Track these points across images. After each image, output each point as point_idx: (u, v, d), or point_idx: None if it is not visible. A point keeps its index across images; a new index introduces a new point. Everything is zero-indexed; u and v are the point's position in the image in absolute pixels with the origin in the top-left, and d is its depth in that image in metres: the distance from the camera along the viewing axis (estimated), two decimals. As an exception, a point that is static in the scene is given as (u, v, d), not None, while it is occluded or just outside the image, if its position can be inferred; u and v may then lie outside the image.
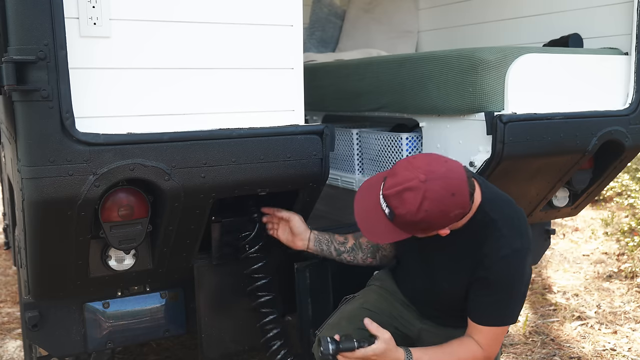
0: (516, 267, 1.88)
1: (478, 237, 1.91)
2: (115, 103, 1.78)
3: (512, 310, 1.94)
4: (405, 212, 1.74)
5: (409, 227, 1.79)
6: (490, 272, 1.87)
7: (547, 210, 2.99)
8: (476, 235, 1.91)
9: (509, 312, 1.94)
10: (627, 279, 4.54)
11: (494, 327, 1.94)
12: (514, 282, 1.89)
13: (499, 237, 1.88)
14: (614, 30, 2.77)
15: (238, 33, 1.92)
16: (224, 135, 1.92)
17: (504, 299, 1.91)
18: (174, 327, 2.39)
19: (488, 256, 1.87)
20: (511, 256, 1.87)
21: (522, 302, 1.96)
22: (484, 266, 1.88)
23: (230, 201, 2.14)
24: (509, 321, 1.96)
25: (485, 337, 1.95)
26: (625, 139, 2.65)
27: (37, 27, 1.59)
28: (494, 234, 1.89)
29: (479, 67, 2.37)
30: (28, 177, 1.67)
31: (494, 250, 1.87)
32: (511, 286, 1.89)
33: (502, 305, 1.92)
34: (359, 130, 3.16)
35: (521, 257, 1.89)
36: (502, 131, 2.33)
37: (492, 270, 1.87)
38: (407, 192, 1.73)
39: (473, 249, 1.91)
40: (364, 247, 2.27)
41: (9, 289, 4.49)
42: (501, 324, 1.94)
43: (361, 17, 4.33)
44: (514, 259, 1.87)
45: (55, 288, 2.08)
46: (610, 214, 6.09)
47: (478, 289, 1.92)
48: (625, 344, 3.49)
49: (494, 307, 1.92)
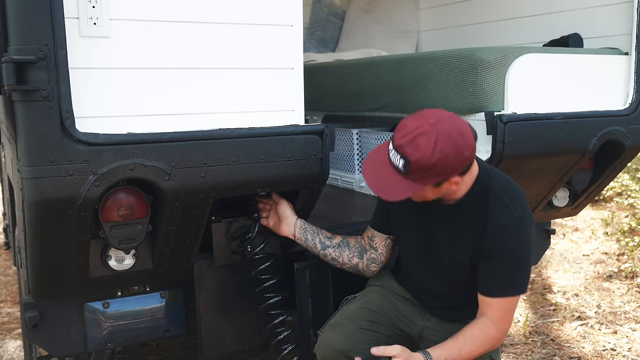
0: (518, 235, 1.89)
1: (478, 208, 1.92)
2: (115, 103, 1.78)
3: (520, 280, 1.94)
4: (421, 156, 1.74)
5: (424, 175, 1.77)
6: (492, 241, 1.88)
7: (547, 210, 2.99)
8: (476, 207, 1.92)
9: (517, 281, 1.93)
10: (627, 279, 4.54)
11: (504, 297, 1.93)
12: (518, 250, 1.89)
13: (499, 205, 1.90)
14: (614, 30, 2.77)
15: (238, 33, 1.92)
16: (224, 135, 1.92)
17: (510, 268, 1.90)
18: (174, 327, 2.39)
19: (489, 225, 1.88)
20: (513, 224, 1.88)
21: (528, 270, 1.96)
22: (486, 236, 1.89)
23: (230, 201, 2.14)
24: (517, 291, 1.94)
25: (497, 310, 1.94)
26: (625, 139, 2.65)
27: (37, 27, 1.59)
28: (494, 203, 1.90)
29: (479, 67, 2.37)
30: (28, 177, 1.67)
31: (495, 219, 1.88)
32: (516, 254, 1.89)
33: (509, 275, 1.91)
34: (359, 130, 3.16)
35: (523, 225, 1.90)
36: (502, 131, 2.33)
37: (494, 239, 1.88)
38: (420, 137, 1.74)
39: (474, 221, 1.92)
40: (352, 246, 2.21)
41: (9, 289, 4.49)
42: (510, 293, 1.93)
43: (361, 17, 4.33)
44: (516, 227, 1.88)
45: (55, 288, 2.08)
46: (610, 214, 6.09)
47: (484, 261, 1.92)
48: (625, 344, 3.49)
49: (501, 277, 1.91)
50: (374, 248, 2.22)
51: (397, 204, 2.06)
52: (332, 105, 3.23)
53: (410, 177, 1.79)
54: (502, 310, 1.95)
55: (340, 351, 2.05)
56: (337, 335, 2.08)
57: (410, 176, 1.78)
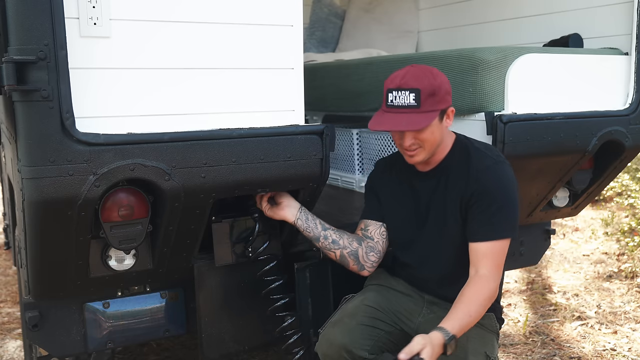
0: (501, 175, 2.02)
1: (461, 161, 2.07)
2: (115, 103, 1.78)
3: (510, 221, 2.01)
4: (427, 82, 1.94)
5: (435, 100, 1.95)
6: (478, 185, 2.00)
7: (547, 211, 2.99)
8: (459, 160, 2.07)
9: (508, 222, 2.00)
10: (627, 279, 4.54)
11: (497, 240, 1.98)
12: (502, 190, 2.00)
13: (479, 153, 2.07)
14: (614, 30, 2.77)
15: (238, 33, 1.92)
16: (224, 135, 1.92)
17: (500, 208, 1.99)
18: (174, 327, 2.39)
19: (473, 170, 2.02)
20: (494, 166, 2.03)
21: (515, 213, 2.03)
22: (470, 183, 2.01)
23: (230, 201, 2.14)
24: (509, 233, 2.01)
25: (490, 258, 1.98)
26: (625, 139, 2.65)
27: (37, 27, 1.59)
28: (474, 152, 2.07)
29: (479, 67, 2.37)
30: (28, 177, 1.67)
31: (478, 163, 2.03)
32: (501, 194, 2.00)
33: (500, 216, 1.99)
34: (359, 130, 3.16)
35: (504, 166, 2.04)
36: (502, 131, 2.33)
37: (480, 182, 2.00)
38: (412, 72, 1.96)
39: (460, 174, 2.05)
40: (350, 234, 2.24)
41: (9, 289, 4.49)
42: (503, 235, 1.99)
43: (361, 17, 4.33)
44: (497, 167, 2.03)
45: (56, 288, 2.08)
46: (610, 214, 6.10)
47: (473, 208, 2.01)
48: (625, 344, 3.49)
49: (491, 219, 1.99)
50: (369, 237, 2.25)
51: (386, 188, 2.21)
52: (332, 105, 3.23)
53: (423, 107, 1.94)
54: (495, 257, 1.99)
55: (342, 347, 2.06)
56: (338, 332, 2.09)
57: (424, 106, 1.94)
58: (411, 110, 1.94)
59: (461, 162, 2.07)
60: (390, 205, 2.23)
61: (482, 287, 1.97)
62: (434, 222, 2.12)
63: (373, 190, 2.30)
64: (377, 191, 2.27)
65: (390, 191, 2.24)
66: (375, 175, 2.32)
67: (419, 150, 2.03)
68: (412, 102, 1.94)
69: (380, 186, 2.27)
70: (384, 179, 2.27)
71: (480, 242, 2.00)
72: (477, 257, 2.00)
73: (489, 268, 1.98)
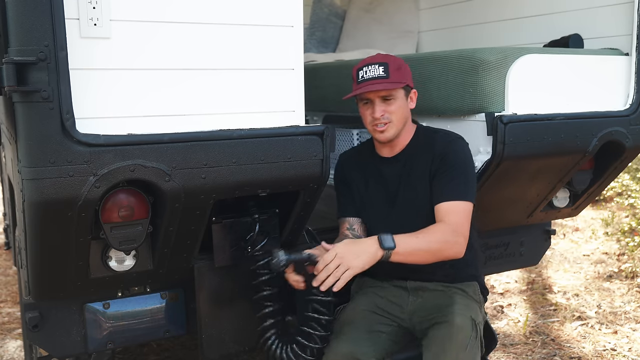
0: (462, 148, 2.20)
1: (426, 142, 2.23)
2: (115, 104, 1.78)
3: (470, 188, 2.16)
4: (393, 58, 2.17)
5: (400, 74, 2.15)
6: (442, 155, 2.17)
7: (548, 211, 2.99)
8: (424, 142, 2.24)
9: (468, 187, 2.15)
10: (627, 279, 4.54)
11: (458, 201, 2.12)
12: (464, 158, 2.18)
13: (442, 133, 2.26)
14: (615, 30, 2.77)
15: (238, 34, 1.91)
16: (225, 136, 1.92)
17: (461, 174, 2.15)
18: (174, 327, 2.39)
19: (438, 147, 2.19)
20: (456, 140, 2.21)
21: (474, 182, 2.20)
22: (437, 153, 2.17)
23: (230, 202, 2.14)
24: (469, 197, 2.14)
25: (451, 214, 2.10)
26: (625, 140, 2.65)
27: (38, 28, 1.59)
28: (437, 134, 2.25)
29: (480, 68, 2.37)
30: (28, 178, 1.67)
31: (442, 140, 2.21)
32: (462, 163, 2.16)
33: (461, 180, 2.14)
34: (360, 131, 3.16)
35: (464, 142, 2.22)
36: (503, 132, 2.33)
37: (444, 153, 2.17)
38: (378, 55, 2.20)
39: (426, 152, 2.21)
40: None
41: (10, 289, 4.49)
42: (463, 198, 2.12)
43: (362, 17, 4.33)
44: (459, 142, 2.21)
45: (56, 289, 2.08)
46: (610, 214, 6.10)
47: (438, 175, 2.16)
48: (625, 344, 3.49)
49: (453, 182, 2.14)
50: (358, 236, 2.29)
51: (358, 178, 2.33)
52: (332, 105, 3.23)
53: (392, 78, 2.12)
54: (458, 214, 2.10)
55: (349, 356, 2.09)
56: (342, 342, 2.12)
57: (392, 77, 2.12)
58: (381, 80, 2.12)
59: (426, 143, 2.23)
60: (364, 195, 2.32)
61: (435, 230, 2.07)
62: (404, 201, 2.22)
63: (345, 184, 2.37)
64: (349, 183, 2.35)
65: (363, 180, 2.33)
66: (344, 168, 2.39)
67: (389, 125, 2.17)
68: (381, 74, 2.12)
69: (351, 178, 2.35)
70: (353, 170, 2.36)
71: (444, 202, 2.12)
72: (441, 214, 2.12)
73: (451, 220, 2.09)
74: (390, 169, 2.27)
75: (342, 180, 2.37)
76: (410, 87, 2.22)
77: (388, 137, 2.19)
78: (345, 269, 1.92)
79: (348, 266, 1.92)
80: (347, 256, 1.93)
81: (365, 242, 1.99)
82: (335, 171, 2.41)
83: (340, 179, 2.38)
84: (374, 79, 2.12)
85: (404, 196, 2.23)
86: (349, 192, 2.34)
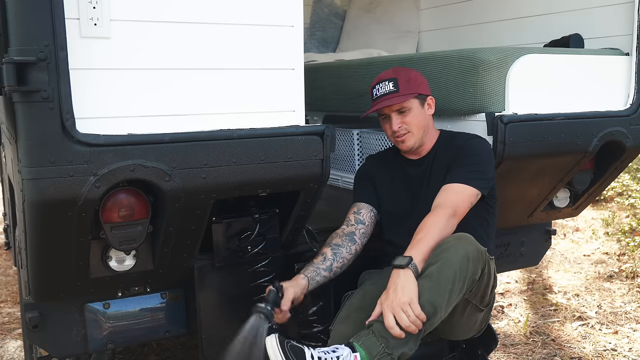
0: (480, 142, 2.26)
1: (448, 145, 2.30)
2: (115, 104, 1.78)
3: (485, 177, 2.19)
4: (402, 73, 2.25)
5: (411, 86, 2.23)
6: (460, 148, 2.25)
7: (548, 211, 2.99)
8: (446, 146, 2.30)
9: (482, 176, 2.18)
10: (627, 279, 4.54)
11: (463, 184, 2.16)
12: (479, 151, 2.22)
13: (462, 135, 2.33)
14: (615, 30, 2.77)
15: (239, 33, 1.91)
16: (225, 136, 1.91)
17: (477, 162, 2.19)
18: (175, 327, 2.39)
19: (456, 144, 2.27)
20: (475, 137, 2.29)
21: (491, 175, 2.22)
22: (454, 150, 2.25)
23: (231, 202, 2.14)
24: (480, 184, 2.17)
25: (447, 190, 2.16)
26: (626, 140, 2.64)
27: (38, 28, 1.59)
28: (458, 137, 2.32)
29: (480, 68, 2.37)
30: (28, 178, 1.67)
31: (461, 137, 2.31)
32: (477, 154, 2.21)
33: (476, 167, 2.19)
34: (360, 131, 3.16)
35: (483, 139, 2.28)
36: (503, 132, 2.33)
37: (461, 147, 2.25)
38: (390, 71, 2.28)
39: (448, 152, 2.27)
40: (342, 243, 2.27)
41: (10, 289, 4.49)
42: (469, 183, 2.16)
43: (362, 17, 4.33)
44: (477, 138, 2.28)
45: (56, 289, 2.08)
46: (611, 214, 6.09)
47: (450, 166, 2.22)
48: (626, 344, 3.49)
49: (467, 167, 2.18)
50: (362, 222, 2.34)
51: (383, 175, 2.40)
52: (332, 105, 3.23)
53: (402, 91, 2.21)
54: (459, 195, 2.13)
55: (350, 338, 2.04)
56: (350, 327, 2.10)
57: (402, 90, 2.21)
58: (392, 95, 2.21)
59: (447, 146, 2.30)
60: (388, 189, 2.39)
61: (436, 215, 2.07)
62: (425, 200, 2.23)
63: (367, 177, 2.45)
64: (372, 177, 2.44)
65: (388, 177, 2.41)
66: (369, 166, 2.49)
67: (408, 135, 2.26)
68: (391, 89, 2.22)
69: (374, 173, 2.44)
70: (379, 167, 2.45)
71: (450, 183, 2.17)
72: (441, 194, 2.16)
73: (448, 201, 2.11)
74: (414, 171, 2.36)
75: (365, 175, 2.46)
76: (425, 94, 2.28)
77: (409, 146, 2.29)
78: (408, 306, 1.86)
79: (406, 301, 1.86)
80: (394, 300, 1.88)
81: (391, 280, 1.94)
82: (358, 170, 2.52)
83: (363, 175, 2.47)
84: (386, 95, 2.23)
85: (425, 196, 2.28)
86: (369, 184, 2.42)
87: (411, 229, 2.16)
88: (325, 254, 2.24)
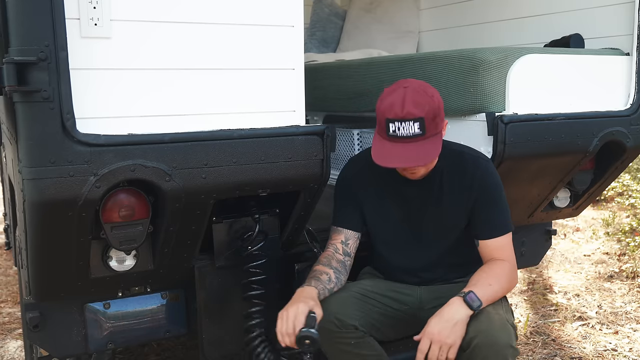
0: (493, 174, 2.15)
1: (456, 167, 2.14)
2: (116, 104, 1.78)
3: (508, 217, 2.15)
4: (428, 107, 1.92)
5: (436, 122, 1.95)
6: (484, 187, 2.11)
7: (549, 211, 2.99)
8: (451, 165, 2.14)
9: (507, 218, 2.14)
10: (628, 279, 4.53)
11: (506, 234, 2.12)
12: (499, 189, 2.14)
13: (470, 157, 2.16)
14: (616, 30, 2.77)
15: (239, 34, 1.91)
16: (225, 136, 1.91)
17: (501, 207, 2.13)
18: (175, 327, 2.39)
19: (475, 174, 2.12)
20: (486, 165, 2.16)
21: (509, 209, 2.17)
22: (475, 186, 2.11)
23: (231, 202, 2.14)
24: (511, 226, 2.15)
25: (503, 249, 2.11)
26: (626, 140, 2.64)
27: (38, 28, 1.59)
28: (463, 155, 2.16)
29: (480, 68, 2.37)
30: (29, 178, 1.67)
31: (474, 165, 2.13)
32: (499, 193, 2.14)
33: (503, 213, 2.13)
34: (360, 131, 3.16)
35: (490, 166, 2.17)
36: (504, 132, 2.32)
37: (484, 185, 2.11)
38: (409, 97, 1.90)
39: (458, 180, 2.13)
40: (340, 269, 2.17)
41: (10, 289, 4.49)
42: (509, 229, 2.13)
43: (362, 17, 4.33)
44: (488, 166, 2.16)
45: (56, 289, 2.08)
46: (611, 214, 6.09)
47: (478, 208, 2.12)
48: (626, 344, 3.49)
49: (498, 216, 2.12)
50: (348, 255, 2.22)
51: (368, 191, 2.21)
52: (333, 105, 3.23)
53: (428, 133, 1.93)
54: (507, 247, 2.12)
55: (333, 314, 2.05)
56: (331, 302, 2.08)
57: (429, 131, 1.93)
58: (417, 138, 1.93)
59: (456, 165, 2.15)
60: (377, 211, 2.22)
61: (501, 265, 2.07)
62: (431, 222, 2.17)
63: (350, 193, 2.24)
64: (355, 193, 2.23)
65: (377, 197, 2.21)
66: (354, 178, 2.25)
67: (420, 168, 2.07)
68: (417, 132, 1.92)
69: (358, 187, 2.23)
70: (366, 184, 2.23)
71: (495, 239, 2.11)
72: (490, 251, 2.11)
73: (505, 256, 2.10)
74: (413, 190, 2.16)
75: (348, 189, 2.25)
76: None
77: (418, 177, 2.12)
78: (447, 349, 1.86)
79: (449, 344, 1.86)
80: (442, 335, 1.86)
81: (453, 310, 1.91)
82: (342, 177, 2.29)
83: (347, 187, 2.26)
84: (409, 138, 1.92)
85: (431, 217, 2.16)
86: (354, 204, 2.23)
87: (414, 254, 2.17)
88: (329, 276, 2.13)
